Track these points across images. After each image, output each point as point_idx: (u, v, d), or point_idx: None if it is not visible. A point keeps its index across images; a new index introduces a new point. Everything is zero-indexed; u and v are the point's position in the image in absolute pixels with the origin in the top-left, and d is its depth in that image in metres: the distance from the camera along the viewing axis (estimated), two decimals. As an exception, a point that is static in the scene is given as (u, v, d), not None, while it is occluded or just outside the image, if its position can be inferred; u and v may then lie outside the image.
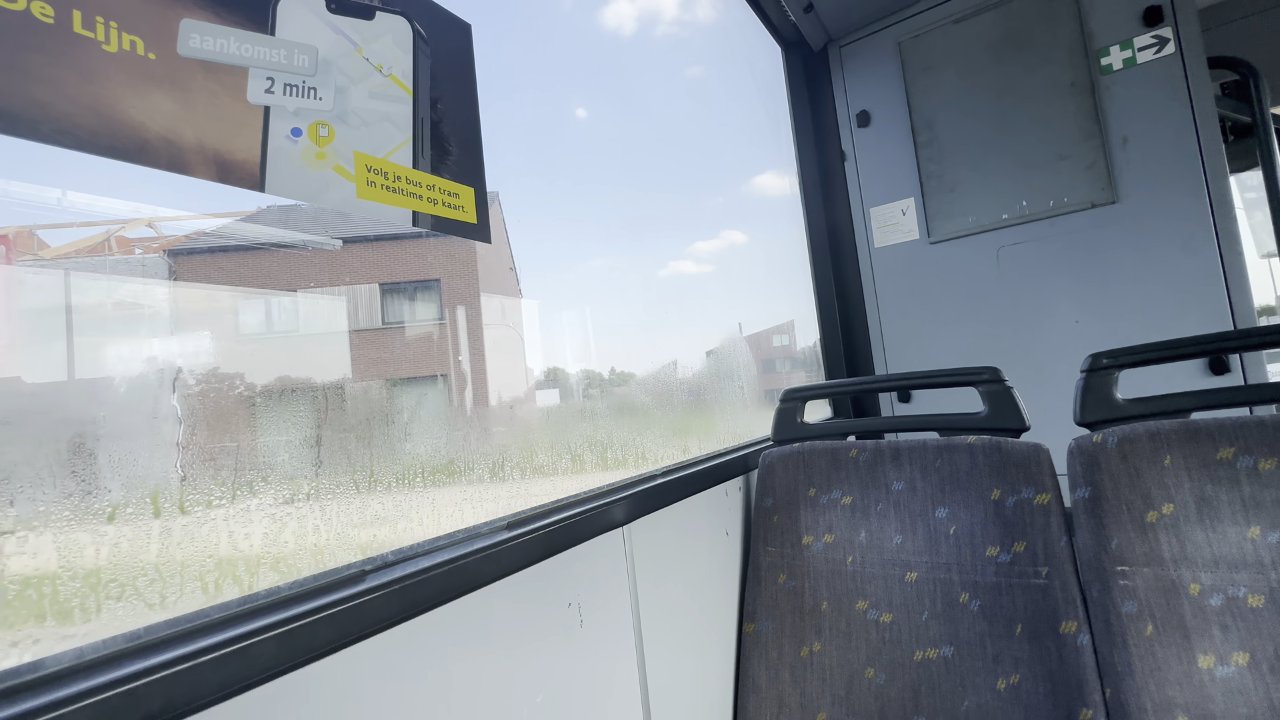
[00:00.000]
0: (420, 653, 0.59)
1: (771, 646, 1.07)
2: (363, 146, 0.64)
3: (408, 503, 0.89)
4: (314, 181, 0.59)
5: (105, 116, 0.45)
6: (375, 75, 0.66)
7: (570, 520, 0.77)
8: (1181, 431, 0.86)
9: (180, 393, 0.68)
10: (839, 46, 1.97)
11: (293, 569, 0.69)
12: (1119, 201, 1.54)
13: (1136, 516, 0.86)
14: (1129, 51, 1.55)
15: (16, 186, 0.54)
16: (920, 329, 1.83)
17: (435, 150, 0.72)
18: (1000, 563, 0.94)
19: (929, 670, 0.95)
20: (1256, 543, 0.79)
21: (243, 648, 0.45)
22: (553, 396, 1.98)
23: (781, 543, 1.13)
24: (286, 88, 0.58)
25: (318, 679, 0.50)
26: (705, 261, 4.18)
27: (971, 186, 1.77)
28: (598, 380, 2.04)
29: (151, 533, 0.61)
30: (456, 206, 0.74)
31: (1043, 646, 0.87)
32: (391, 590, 0.56)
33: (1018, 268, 1.68)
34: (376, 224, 0.66)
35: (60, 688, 0.38)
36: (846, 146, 1.96)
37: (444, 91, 0.74)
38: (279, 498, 0.77)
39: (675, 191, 3.20)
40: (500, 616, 0.67)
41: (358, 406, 1.12)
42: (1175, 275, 1.46)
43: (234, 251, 0.96)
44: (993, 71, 1.73)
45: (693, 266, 3.73)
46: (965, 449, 1.02)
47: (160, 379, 0.67)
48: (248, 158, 0.54)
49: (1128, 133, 1.54)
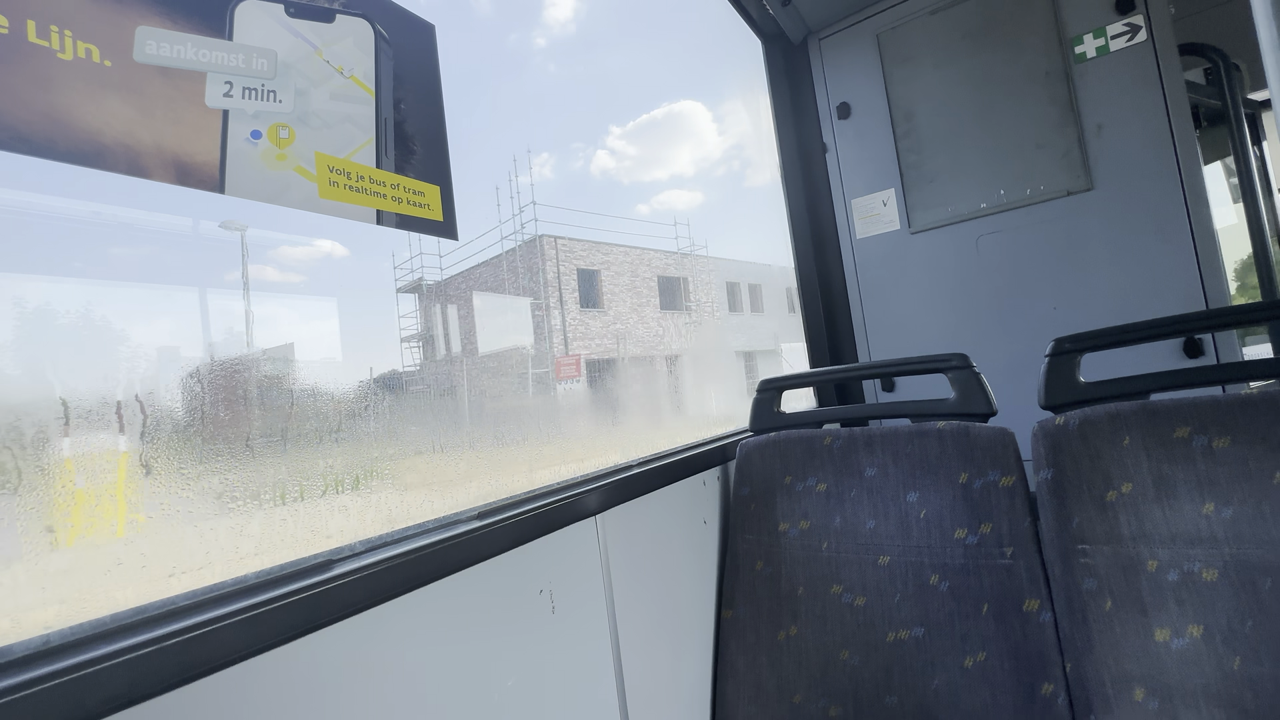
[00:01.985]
0: (389, 638, 0.60)
1: (749, 631, 1.09)
2: (324, 147, 0.66)
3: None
4: (274, 182, 0.61)
5: (62, 123, 0.47)
6: (336, 77, 0.68)
7: (540, 510, 0.79)
8: (1140, 412, 0.88)
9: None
10: (818, 39, 1.98)
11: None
12: (1094, 189, 1.56)
13: (1097, 496, 0.88)
14: (1102, 39, 1.57)
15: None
16: (902, 318, 1.84)
17: (399, 149, 0.74)
18: (968, 544, 0.96)
19: (901, 651, 0.97)
20: (1211, 519, 0.81)
21: (206, 633, 0.46)
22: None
23: (759, 530, 1.15)
24: (245, 91, 0.59)
25: (284, 663, 0.52)
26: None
27: (951, 177, 1.78)
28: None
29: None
30: (422, 205, 0.75)
31: (1007, 624, 0.90)
32: (358, 578, 0.58)
33: (997, 256, 1.69)
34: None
35: (23, 671, 0.40)
36: (827, 139, 1.98)
37: (407, 91, 0.76)
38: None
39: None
40: (470, 603, 0.69)
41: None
42: (1150, 260, 1.48)
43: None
44: (970, 62, 1.75)
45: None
46: (935, 434, 1.04)
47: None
48: (207, 160, 0.56)
49: (1102, 120, 1.56)
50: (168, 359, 0.63)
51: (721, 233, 13.00)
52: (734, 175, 18.31)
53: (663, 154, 28.08)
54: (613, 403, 1.36)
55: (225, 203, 0.57)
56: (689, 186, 17.91)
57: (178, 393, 0.61)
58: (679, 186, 17.82)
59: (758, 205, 16.28)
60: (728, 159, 21.53)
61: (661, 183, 20.36)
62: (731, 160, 21.01)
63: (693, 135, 31.34)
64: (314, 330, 1.17)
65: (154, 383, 0.58)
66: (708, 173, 18.41)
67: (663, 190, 20.48)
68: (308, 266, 3.23)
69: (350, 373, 1.05)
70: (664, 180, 18.48)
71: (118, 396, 0.55)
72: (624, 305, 2.34)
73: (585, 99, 26.41)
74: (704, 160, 22.44)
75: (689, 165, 21.05)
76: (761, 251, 8.53)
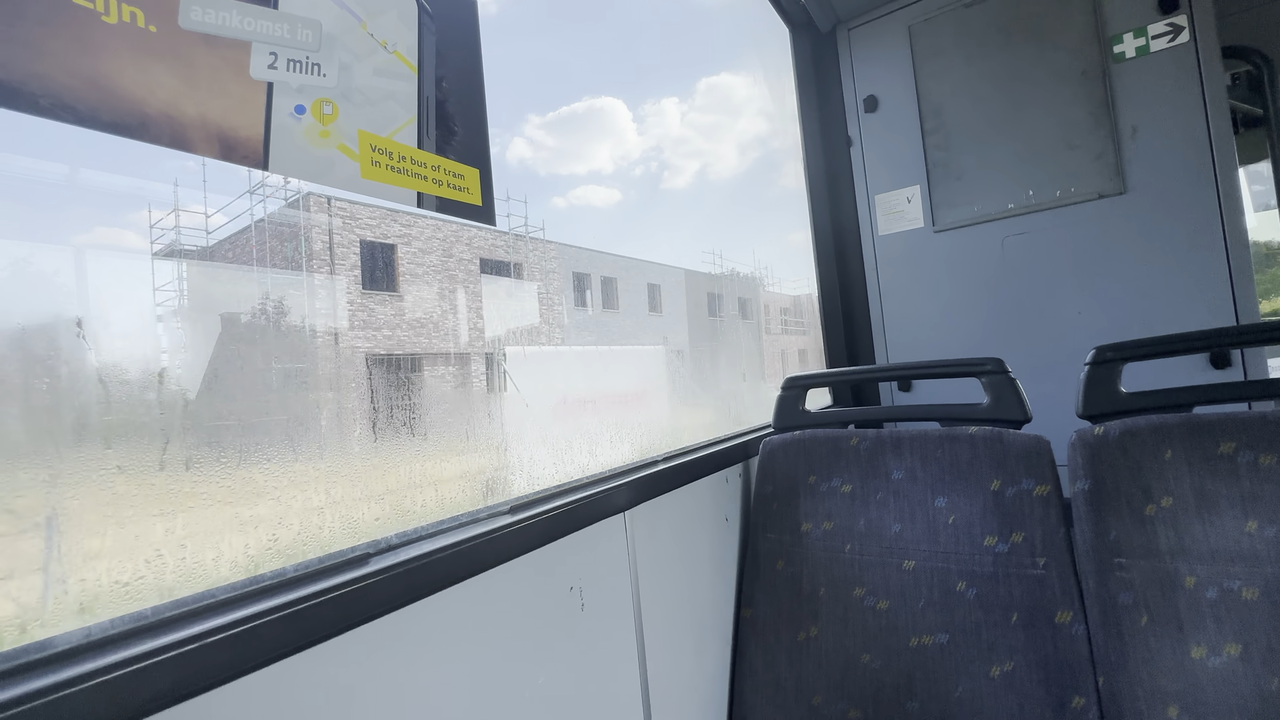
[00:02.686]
0: (424, 635, 0.59)
1: (768, 631, 1.09)
2: (367, 125, 0.63)
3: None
4: (318, 161, 0.58)
5: (106, 91, 0.44)
6: (380, 52, 0.65)
7: (573, 505, 0.77)
8: (1184, 426, 0.87)
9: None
10: (848, 29, 1.94)
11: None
12: (1127, 193, 1.53)
13: (1135, 509, 0.86)
14: (1142, 39, 1.53)
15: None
16: (922, 318, 1.82)
17: (440, 130, 0.71)
18: (998, 553, 0.95)
19: (924, 656, 0.96)
20: (1254, 537, 0.80)
21: (250, 629, 0.45)
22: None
23: (781, 529, 1.14)
24: (290, 64, 0.56)
25: (323, 661, 0.50)
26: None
27: (978, 175, 1.75)
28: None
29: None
30: (461, 188, 0.73)
31: (1038, 635, 0.88)
32: (395, 574, 0.56)
33: (1022, 258, 1.67)
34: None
35: (68, 667, 0.38)
36: (853, 132, 1.94)
37: (449, 69, 0.73)
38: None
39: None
40: (503, 600, 0.68)
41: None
42: (1181, 269, 1.46)
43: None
44: (1003, 57, 1.71)
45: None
46: (967, 439, 1.02)
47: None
48: (251, 135, 0.53)
49: (1138, 123, 1.53)
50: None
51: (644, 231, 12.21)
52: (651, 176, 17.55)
53: (582, 149, 27.10)
54: (387, 414, 0.87)
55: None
56: (607, 184, 17.26)
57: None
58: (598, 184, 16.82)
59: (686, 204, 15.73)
60: (645, 160, 20.77)
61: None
62: (650, 161, 20.36)
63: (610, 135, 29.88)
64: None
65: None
66: (626, 171, 17.71)
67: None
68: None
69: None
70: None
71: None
72: (429, 290, 2.07)
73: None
74: (623, 158, 21.62)
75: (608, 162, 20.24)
76: (672, 253, 8.40)
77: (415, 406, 0.85)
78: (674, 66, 2.91)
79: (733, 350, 1.83)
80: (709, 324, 1.56)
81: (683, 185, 6.62)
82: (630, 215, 13.02)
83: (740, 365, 1.99)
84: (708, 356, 1.34)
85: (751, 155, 2.12)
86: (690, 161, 4.41)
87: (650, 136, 20.92)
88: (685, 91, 3.85)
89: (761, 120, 2.45)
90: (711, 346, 1.53)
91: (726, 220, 7.40)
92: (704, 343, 1.43)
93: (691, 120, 21.99)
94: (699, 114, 21.76)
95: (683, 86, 4.31)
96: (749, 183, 2.14)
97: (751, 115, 2.59)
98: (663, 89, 4.34)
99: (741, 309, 1.92)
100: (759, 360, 2.21)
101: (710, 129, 14.89)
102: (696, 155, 18.99)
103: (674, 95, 21.25)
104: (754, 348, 2.10)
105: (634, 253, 2.46)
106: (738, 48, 2.31)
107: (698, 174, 17.96)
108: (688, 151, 3.99)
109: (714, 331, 1.54)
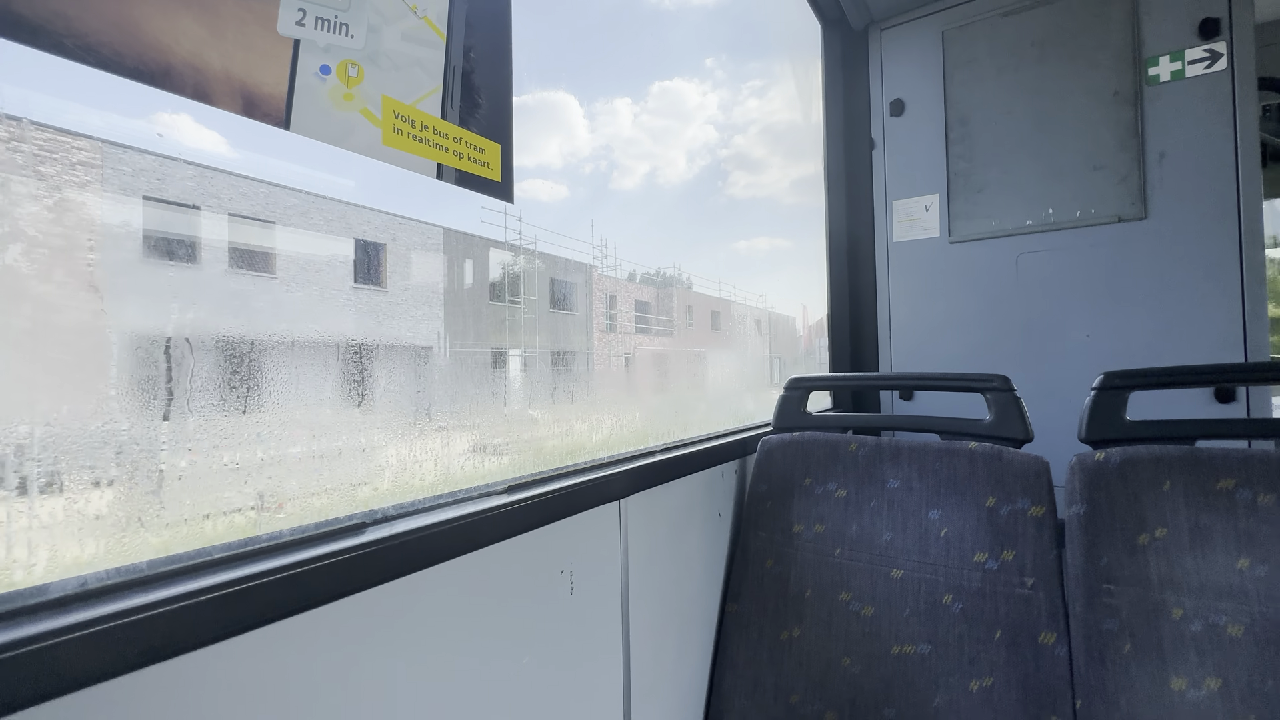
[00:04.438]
0: (416, 609, 0.59)
1: (752, 627, 1.09)
2: (392, 91, 0.62)
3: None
4: (340, 124, 0.57)
5: (131, 35, 0.43)
6: (409, 16, 0.64)
7: (569, 490, 0.77)
8: (1185, 458, 0.86)
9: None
10: (880, 29, 1.91)
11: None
12: (1148, 218, 1.52)
13: (1129, 537, 0.86)
14: (1179, 63, 1.50)
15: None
16: (929, 327, 1.81)
17: (465, 101, 0.70)
18: (988, 569, 0.95)
19: (904, 665, 0.97)
20: (1244, 574, 0.80)
21: (244, 590, 0.45)
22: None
23: (772, 528, 1.14)
24: (318, 21, 0.55)
25: (314, 626, 0.50)
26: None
27: (999, 189, 1.73)
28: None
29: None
30: (482, 163, 0.72)
31: (1020, 654, 0.89)
32: (390, 545, 0.56)
33: (1036, 276, 1.66)
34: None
35: (60, 615, 0.38)
36: (876, 134, 1.92)
37: (478, 39, 0.72)
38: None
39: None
40: (495, 579, 0.68)
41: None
42: (1195, 299, 1.45)
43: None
44: (1035, 71, 1.68)
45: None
46: (966, 454, 1.02)
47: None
48: (274, 93, 0.52)
49: (1166, 148, 1.51)
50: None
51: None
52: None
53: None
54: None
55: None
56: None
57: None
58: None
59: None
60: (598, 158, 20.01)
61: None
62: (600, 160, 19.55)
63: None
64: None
65: None
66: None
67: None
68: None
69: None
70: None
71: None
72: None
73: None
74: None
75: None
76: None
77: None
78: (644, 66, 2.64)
79: (540, 350, 1.23)
80: (492, 311, 0.99)
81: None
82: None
83: (547, 377, 1.31)
84: (480, 356, 0.86)
85: (700, 162, 2.05)
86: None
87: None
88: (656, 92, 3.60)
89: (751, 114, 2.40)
90: (496, 342, 0.95)
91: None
92: (477, 337, 0.86)
93: (718, 107, 21.77)
94: (653, 118, 21.46)
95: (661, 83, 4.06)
96: (698, 190, 2.06)
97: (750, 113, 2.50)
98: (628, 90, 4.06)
99: (557, 296, 1.29)
100: (587, 363, 1.59)
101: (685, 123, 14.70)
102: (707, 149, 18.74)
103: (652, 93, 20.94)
104: (578, 346, 1.58)
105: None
106: (766, 42, 2.27)
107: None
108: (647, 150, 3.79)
109: (501, 321, 1.00)
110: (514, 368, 1.19)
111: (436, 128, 0.66)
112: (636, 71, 1.97)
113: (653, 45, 1.97)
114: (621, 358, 2.01)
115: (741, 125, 1.94)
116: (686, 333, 2.20)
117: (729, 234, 2.38)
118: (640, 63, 1.95)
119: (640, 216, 2.05)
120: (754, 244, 2.40)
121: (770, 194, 2.57)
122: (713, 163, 2.25)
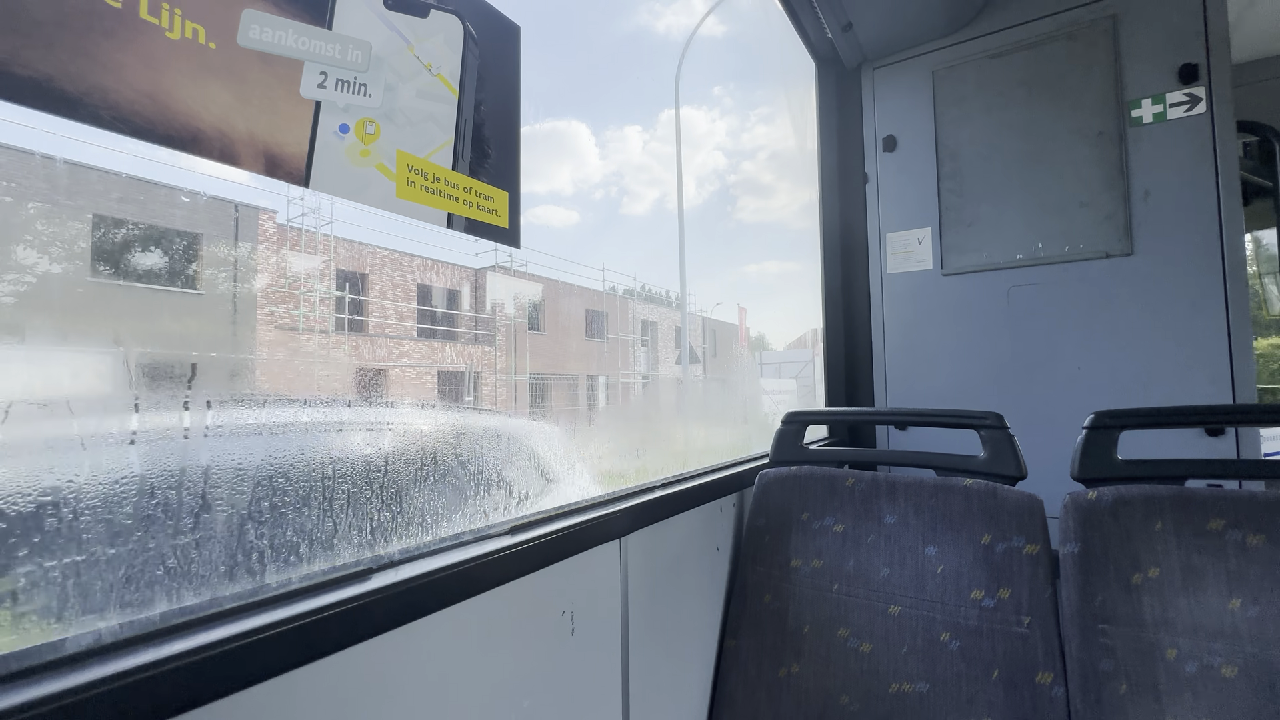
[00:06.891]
0: (419, 655, 0.60)
1: (750, 664, 1.09)
2: (406, 146, 0.64)
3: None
4: (356, 179, 0.59)
5: (163, 105, 0.45)
6: (424, 74, 0.66)
7: (571, 530, 0.78)
8: (1176, 498, 0.88)
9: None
10: (872, 68, 1.97)
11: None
12: (1134, 254, 1.56)
13: (1123, 577, 0.88)
14: (1160, 106, 1.56)
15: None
16: (923, 358, 1.84)
17: (475, 152, 0.72)
18: (984, 607, 0.96)
19: (903, 703, 0.97)
20: (1236, 615, 0.81)
21: (257, 641, 0.45)
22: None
23: (770, 563, 1.14)
24: (339, 83, 0.58)
25: (324, 676, 0.51)
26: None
27: (989, 223, 1.77)
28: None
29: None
30: (490, 210, 0.74)
31: (1017, 694, 0.89)
32: (397, 592, 0.56)
33: (1027, 309, 1.69)
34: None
35: (75, 674, 0.39)
36: (870, 169, 1.97)
37: (488, 93, 0.74)
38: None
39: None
40: (497, 621, 0.68)
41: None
42: (1182, 334, 1.48)
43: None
44: (1022, 110, 1.74)
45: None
46: (961, 491, 1.04)
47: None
48: (295, 153, 0.54)
49: (1150, 186, 1.55)
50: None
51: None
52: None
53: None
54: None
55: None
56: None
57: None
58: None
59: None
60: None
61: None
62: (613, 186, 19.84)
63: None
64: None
65: None
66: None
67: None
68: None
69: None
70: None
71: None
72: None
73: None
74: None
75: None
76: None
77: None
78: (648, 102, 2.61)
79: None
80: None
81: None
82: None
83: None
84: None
85: (710, 189, 2.02)
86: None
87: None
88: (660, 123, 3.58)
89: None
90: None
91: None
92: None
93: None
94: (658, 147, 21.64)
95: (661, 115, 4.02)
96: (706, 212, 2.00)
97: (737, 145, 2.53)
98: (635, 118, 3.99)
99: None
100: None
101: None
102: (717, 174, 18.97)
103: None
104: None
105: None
106: (763, 80, 2.33)
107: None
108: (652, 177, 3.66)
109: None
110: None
111: (448, 179, 0.68)
112: (647, 100, 2.01)
113: (663, 74, 2.02)
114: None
115: (750, 151, 1.97)
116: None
117: (738, 257, 2.39)
118: (650, 92, 1.99)
119: (654, 238, 2.06)
120: (764, 267, 2.42)
121: (779, 219, 2.60)
122: (721, 188, 2.29)
